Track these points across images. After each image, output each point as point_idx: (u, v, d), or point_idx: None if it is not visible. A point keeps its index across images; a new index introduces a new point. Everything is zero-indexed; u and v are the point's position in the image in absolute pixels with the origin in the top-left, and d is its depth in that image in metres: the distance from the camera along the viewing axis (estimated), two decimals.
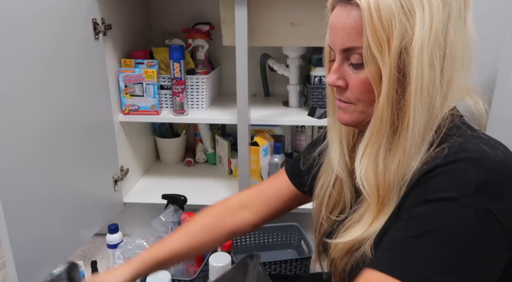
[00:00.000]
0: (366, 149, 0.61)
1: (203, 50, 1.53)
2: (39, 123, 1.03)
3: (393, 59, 0.55)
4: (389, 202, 0.60)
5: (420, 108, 0.55)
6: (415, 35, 0.53)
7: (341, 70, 0.62)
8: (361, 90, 0.60)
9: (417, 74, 0.54)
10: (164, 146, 1.81)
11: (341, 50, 0.60)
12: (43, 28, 1.03)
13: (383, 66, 0.56)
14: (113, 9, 1.36)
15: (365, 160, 0.61)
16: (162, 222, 1.20)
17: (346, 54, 0.60)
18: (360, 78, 0.59)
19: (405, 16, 0.54)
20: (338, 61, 0.62)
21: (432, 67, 0.54)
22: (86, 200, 1.26)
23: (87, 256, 1.48)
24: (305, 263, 1.31)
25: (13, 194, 0.95)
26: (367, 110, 0.61)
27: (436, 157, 0.55)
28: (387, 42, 0.54)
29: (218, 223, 0.86)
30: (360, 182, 0.61)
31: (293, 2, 1.32)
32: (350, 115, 0.64)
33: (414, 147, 0.57)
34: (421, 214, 0.53)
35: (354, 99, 0.62)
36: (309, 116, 1.43)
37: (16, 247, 0.96)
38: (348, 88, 0.62)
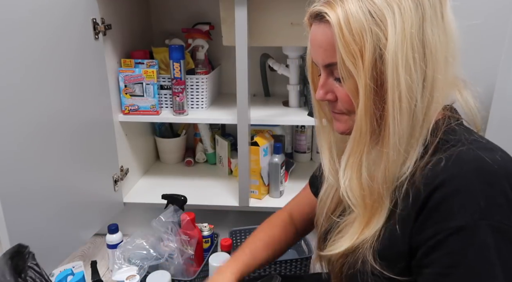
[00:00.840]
0: (349, 160, 0.62)
1: (203, 50, 1.53)
2: (39, 123, 1.03)
3: (368, 70, 0.55)
4: (380, 208, 0.61)
5: (399, 116, 0.55)
6: (388, 42, 0.53)
7: (328, 84, 0.63)
8: (350, 101, 0.60)
9: (393, 81, 0.54)
10: (164, 146, 1.81)
11: (323, 66, 0.62)
12: (43, 28, 1.03)
13: (358, 79, 0.56)
14: (113, 9, 1.36)
15: (348, 171, 0.62)
16: (162, 222, 1.20)
17: (329, 69, 0.62)
18: (345, 90, 0.60)
19: (377, 25, 0.54)
20: (323, 77, 0.63)
21: (408, 72, 0.54)
22: (86, 200, 1.26)
23: (87, 256, 1.48)
24: (305, 263, 1.30)
25: (13, 194, 0.95)
26: None
27: (436, 170, 0.55)
28: (360, 55, 0.55)
29: (281, 237, 0.94)
30: (345, 194, 0.62)
31: (293, 2, 1.32)
32: (345, 124, 0.65)
33: (398, 154, 0.57)
34: (446, 254, 0.53)
35: (345, 110, 0.63)
36: (309, 116, 1.43)
37: None
38: (337, 100, 0.63)
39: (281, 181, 1.53)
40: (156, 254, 1.14)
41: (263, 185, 1.52)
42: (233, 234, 1.43)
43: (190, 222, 1.22)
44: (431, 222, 0.55)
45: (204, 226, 1.32)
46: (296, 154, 1.78)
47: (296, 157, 1.78)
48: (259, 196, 1.52)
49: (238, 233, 1.44)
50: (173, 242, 1.18)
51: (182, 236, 1.21)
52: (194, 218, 1.25)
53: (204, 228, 1.32)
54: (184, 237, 1.21)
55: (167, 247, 1.17)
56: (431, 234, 0.54)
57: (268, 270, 1.28)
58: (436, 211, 0.54)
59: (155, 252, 1.14)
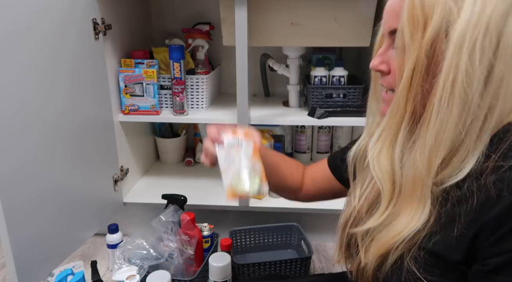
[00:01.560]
0: (382, 133, 0.58)
1: (203, 50, 1.53)
2: (39, 123, 1.03)
3: (426, 44, 0.51)
4: (415, 199, 0.55)
5: (447, 101, 0.50)
6: (460, 19, 0.49)
7: (386, 54, 0.59)
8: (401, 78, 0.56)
9: (451, 62, 0.49)
10: (164, 146, 1.81)
11: (388, 33, 0.58)
12: (43, 28, 1.03)
13: (410, 50, 0.52)
14: (113, 9, 1.36)
15: (380, 144, 0.58)
16: (162, 222, 1.20)
17: (392, 38, 0.57)
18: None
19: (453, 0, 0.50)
20: (385, 46, 0.59)
21: (472, 59, 0.49)
22: (86, 200, 1.26)
23: (87, 256, 1.48)
24: (305, 263, 1.31)
25: (12, 193, 0.95)
26: None
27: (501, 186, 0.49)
28: (422, 25, 0.51)
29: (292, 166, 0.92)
30: (372, 165, 0.59)
31: (293, 2, 1.32)
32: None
33: (439, 142, 0.52)
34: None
35: (394, 86, 0.58)
36: (309, 116, 1.43)
37: (16, 247, 0.96)
38: (391, 73, 0.59)
39: None
40: (156, 254, 1.14)
41: None
42: (233, 234, 1.43)
43: (190, 222, 1.22)
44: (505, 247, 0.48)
45: (204, 226, 1.32)
46: (296, 154, 1.78)
47: (296, 157, 1.78)
48: (259, 196, 1.52)
49: (238, 233, 1.44)
50: (173, 242, 1.18)
51: (182, 236, 1.21)
52: (194, 218, 1.25)
53: (204, 228, 1.32)
54: (184, 237, 1.21)
55: (167, 247, 1.17)
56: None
57: (269, 270, 1.29)
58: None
59: (155, 252, 1.14)
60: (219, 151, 0.74)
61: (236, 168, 0.73)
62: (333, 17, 1.34)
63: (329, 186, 0.88)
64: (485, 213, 0.49)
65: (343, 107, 1.45)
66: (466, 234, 0.51)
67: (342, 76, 1.45)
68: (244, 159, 0.73)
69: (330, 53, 1.61)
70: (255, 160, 0.74)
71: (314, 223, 1.54)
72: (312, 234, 1.52)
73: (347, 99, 1.45)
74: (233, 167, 0.73)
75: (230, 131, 0.75)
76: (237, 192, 0.72)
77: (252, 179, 0.72)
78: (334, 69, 1.47)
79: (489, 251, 0.49)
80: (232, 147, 0.74)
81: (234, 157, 0.73)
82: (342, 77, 1.45)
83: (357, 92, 1.44)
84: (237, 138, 0.75)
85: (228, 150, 0.74)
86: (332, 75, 1.47)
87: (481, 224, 0.49)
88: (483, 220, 0.49)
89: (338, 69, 1.46)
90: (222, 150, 0.74)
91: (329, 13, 1.33)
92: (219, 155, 0.74)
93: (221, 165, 0.74)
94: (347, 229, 0.71)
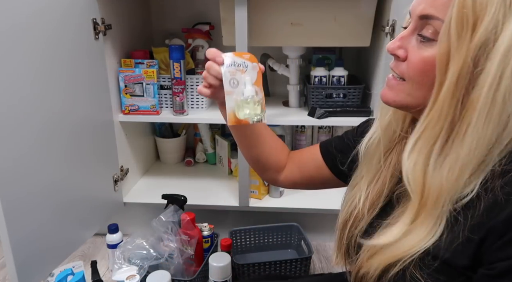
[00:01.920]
0: (418, 142, 0.53)
1: (203, 50, 1.53)
2: (39, 123, 1.03)
3: (473, 48, 0.47)
4: (435, 215, 0.52)
5: (486, 118, 0.48)
6: (508, 27, 0.46)
7: (408, 39, 0.55)
8: (418, 69, 0.53)
9: (495, 74, 0.46)
10: (164, 146, 1.81)
11: (419, 16, 0.53)
12: (43, 28, 1.03)
13: (457, 51, 0.48)
14: (113, 9, 1.36)
15: (415, 155, 0.53)
16: (162, 222, 1.20)
17: (422, 23, 0.53)
18: (423, 55, 0.53)
19: (504, 7, 0.46)
20: (409, 29, 0.55)
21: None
22: (86, 200, 1.26)
23: (87, 256, 1.48)
24: (305, 263, 1.31)
25: (12, 193, 0.95)
26: (416, 94, 0.55)
27: (509, 190, 0.48)
28: (472, 26, 0.47)
29: (278, 143, 0.88)
30: (406, 178, 0.55)
31: (293, 2, 1.32)
32: (395, 94, 0.57)
33: (471, 161, 0.49)
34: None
35: (407, 76, 0.55)
36: (309, 116, 1.43)
37: (16, 247, 0.96)
38: (406, 61, 0.55)
39: None
40: (156, 254, 1.14)
41: (263, 185, 1.52)
42: (233, 234, 1.43)
43: (190, 222, 1.23)
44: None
45: (204, 226, 1.32)
46: None
47: None
48: (259, 196, 1.52)
49: (238, 233, 1.44)
50: (173, 242, 1.18)
51: (182, 236, 1.21)
52: (194, 218, 1.25)
53: (204, 228, 1.32)
54: (184, 237, 1.21)
55: (167, 247, 1.17)
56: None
57: (269, 270, 1.29)
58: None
59: (155, 252, 1.14)
60: (225, 71, 0.70)
61: (240, 92, 0.70)
62: (333, 17, 1.34)
63: (318, 174, 0.84)
64: (492, 217, 0.49)
65: (343, 107, 1.45)
66: (473, 238, 0.50)
67: (342, 76, 1.45)
68: (248, 82, 0.71)
69: (330, 53, 1.61)
70: (258, 86, 0.72)
71: (314, 223, 1.54)
72: (312, 234, 1.52)
73: (347, 99, 1.45)
74: (237, 91, 0.70)
75: (237, 53, 0.72)
76: (239, 117, 0.70)
77: (255, 105, 0.70)
78: (334, 69, 1.47)
79: (496, 255, 0.48)
80: (238, 68, 0.71)
81: (240, 79, 0.70)
82: (342, 77, 1.45)
83: (357, 92, 1.44)
84: (243, 60, 0.71)
85: (234, 71, 0.70)
86: (332, 75, 1.47)
87: (489, 228, 0.49)
88: (490, 224, 0.49)
89: (338, 69, 1.46)
90: (228, 70, 0.70)
91: (329, 13, 1.33)
92: (224, 75, 0.70)
93: (226, 86, 0.70)
94: (346, 229, 0.70)
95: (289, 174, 0.88)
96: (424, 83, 0.53)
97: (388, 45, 0.56)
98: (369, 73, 1.49)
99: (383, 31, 1.26)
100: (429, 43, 0.52)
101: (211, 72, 0.71)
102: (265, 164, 0.86)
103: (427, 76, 0.52)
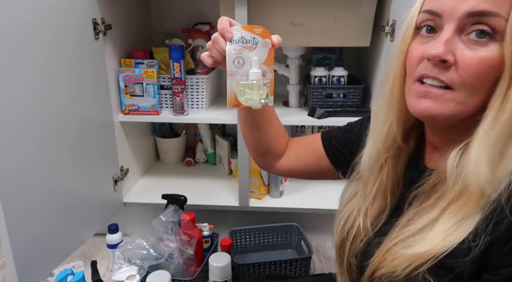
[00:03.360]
0: (491, 145, 0.48)
1: (203, 50, 1.53)
2: (38, 123, 1.03)
3: None
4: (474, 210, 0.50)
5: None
6: None
7: (453, 42, 0.49)
8: (476, 72, 0.48)
9: None
10: (164, 146, 1.81)
11: (466, 14, 0.47)
12: (43, 28, 1.03)
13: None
14: (113, 9, 1.36)
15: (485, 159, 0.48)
16: (162, 222, 1.20)
17: (470, 21, 0.48)
18: (479, 56, 0.47)
19: None
20: (451, 31, 0.49)
21: None
22: (86, 200, 1.26)
23: (87, 256, 1.48)
24: (305, 263, 1.31)
25: (12, 194, 0.95)
26: (469, 101, 0.50)
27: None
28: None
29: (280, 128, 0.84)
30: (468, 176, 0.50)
31: (293, 2, 1.32)
32: (442, 105, 0.51)
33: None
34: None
35: (459, 82, 0.49)
36: (309, 116, 1.43)
37: (16, 247, 0.96)
38: (455, 66, 0.49)
39: (281, 181, 1.53)
40: (156, 254, 1.14)
41: (263, 185, 1.52)
42: (233, 234, 1.43)
43: (190, 222, 1.23)
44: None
45: (204, 226, 1.32)
46: None
47: None
48: (259, 196, 1.52)
49: (238, 233, 1.44)
50: (173, 242, 1.18)
51: (182, 236, 1.21)
52: (194, 218, 1.25)
53: (204, 228, 1.32)
54: (184, 237, 1.21)
55: (167, 247, 1.17)
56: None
57: (269, 270, 1.29)
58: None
59: (155, 252, 1.14)
60: (229, 49, 0.63)
61: (245, 73, 0.64)
62: (333, 17, 1.34)
63: (316, 164, 0.81)
64: (499, 222, 0.48)
65: (343, 107, 1.45)
66: (479, 243, 0.49)
67: (342, 76, 1.45)
68: (255, 64, 0.64)
69: (330, 53, 1.61)
70: (267, 66, 0.65)
71: (314, 223, 1.54)
72: (312, 234, 1.52)
73: (347, 99, 1.45)
74: (242, 71, 0.64)
75: (245, 27, 0.64)
76: (239, 102, 0.64)
77: (259, 89, 0.64)
78: (334, 69, 1.47)
79: (501, 261, 0.48)
80: (245, 45, 0.64)
81: (246, 58, 0.64)
82: (342, 77, 1.45)
83: (357, 92, 1.44)
84: (253, 36, 0.64)
85: (240, 49, 0.64)
86: (332, 75, 1.47)
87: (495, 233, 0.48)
88: (496, 229, 0.48)
89: (338, 69, 1.46)
90: (233, 47, 0.63)
91: (329, 13, 1.33)
92: (228, 54, 0.63)
93: (229, 66, 0.64)
94: (346, 248, 0.66)
95: (286, 161, 0.85)
96: (481, 87, 0.48)
97: (431, 52, 0.49)
98: (369, 73, 1.49)
99: (383, 31, 1.26)
100: (484, 42, 0.47)
101: (216, 47, 0.66)
102: (266, 148, 0.83)
103: (485, 79, 0.48)
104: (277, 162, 0.85)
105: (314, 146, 0.82)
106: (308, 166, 0.83)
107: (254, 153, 0.86)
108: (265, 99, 0.65)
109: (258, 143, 0.82)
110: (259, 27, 0.65)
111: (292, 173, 0.86)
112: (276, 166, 0.86)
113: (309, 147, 0.83)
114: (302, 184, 1.60)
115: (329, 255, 1.50)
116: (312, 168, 0.83)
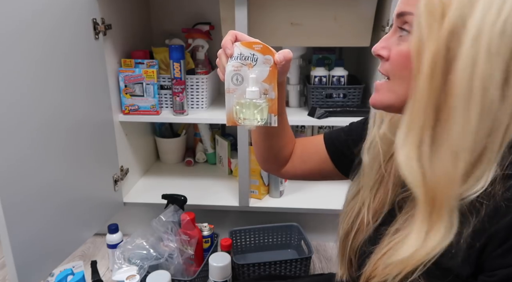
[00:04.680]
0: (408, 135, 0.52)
1: (203, 50, 1.53)
2: (39, 123, 1.03)
3: (444, 37, 0.48)
4: (444, 208, 0.50)
5: (467, 103, 0.47)
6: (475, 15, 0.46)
7: (390, 40, 0.57)
8: (397, 63, 0.54)
9: (468, 60, 0.46)
10: (164, 146, 1.81)
11: (396, 15, 0.55)
12: (43, 28, 1.03)
13: (428, 39, 0.48)
14: (113, 9, 1.36)
15: (407, 148, 0.52)
16: (162, 222, 1.21)
17: (399, 22, 0.55)
18: (400, 49, 0.54)
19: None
20: (391, 31, 0.57)
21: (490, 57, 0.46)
22: (86, 199, 1.26)
23: (87, 256, 1.48)
24: (305, 263, 1.31)
25: (12, 193, 0.95)
26: (399, 90, 0.55)
27: (510, 196, 0.47)
28: (440, 13, 0.48)
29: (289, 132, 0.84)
30: (403, 173, 0.53)
31: (293, 2, 1.32)
32: (381, 95, 0.58)
33: (462, 148, 0.48)
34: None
35: (390, 73, 0.56)
36: (309, 116, 1.43)
37: (16, 247, 0.96)
38: (388, 60, 0.57)
39: (281, 181, 1.53)
40: (156, 254, 1.14)
41: (263, 185, 1.52)
42: (233, 234, 1.43)
43: (190, 222, 1.23)
44: None
45: (204, 226, 1.33)
46: None
47: None
48: (259, 196, 1.52)
49: (238, 233, 1.44)
50: (173, 242, 1.18)
51: (182, 236, 1.21)
52: (194, 218, 1.25)
53: (204, 228, 1.32)
54: (184, 237, 1.21)
55: (167, 247, 1.17)
56: None
57: (269, 270, 1.29)
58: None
59: (155, 252, 1.14)
60: (228, 66, 0.63)
61: (243, 91, 0.63)
62: (333, 17, 1.34)
63: (320, 167, 0.82)
64: (493, 223, 0.48)
65: (343, 107, 1.45)
66: (474, 244, 0.49)
67: (342, 76, 1.45)
68: (253, 80, 0.63)
69: (330, 53, 1.61)
70: (269, 84, 0.63)
71: (314, 223, 1.54)
72: (312, 234, 1.52)
73: (347, 99, 1.45)
74: (240, 89, 0.63)
75: (245, 43, 0.64)
76: (236, 121, 0.63)
77: (255, 108, 0.62)
78: (334, 69, 1.47)
79: (497, 262, 0.48)
80: (244, 62, 0.63)
81: (245, 76, 0.63)
82: (342, 77, 1.45)
83: (357, 92, 1.44)
84: (252, 52, 0.63)
85: (239, 66, 0.63)
86: (332, 75, 1.47)
87: (489, 235, 0.48)
88: (491, 231, 0.48)
89: (338, 69, 1.46)
90: (231, 64, 0.63)
91: (329, 13, 1.33)
92: (227, 70, 0.63)
93: (226, 83, 0.63)
94: (349, 241, 0.68)
95: (291, 166, 0.85)
96: (404, 77, 0.53)
97: (374, 47, 0.58)
98: (369, 73, 1.49)
99: (383, 31, 1.26)
100: (406, 38, 0.54)
101: (219, 63, 0.67)
102: (274, 155, 0.83)
103: (405, 69, 0.53)
104: (283, 168, 0.86)
105: (318, 150, 0.82)
106: (312, 170, 0.84)
107: (261, 158, 0.86)
108: (262, 119, 0.63)
109: (267, 150, 0.83)
110: (259, 43, 0.64)
111: (296, 176, 0.87)
112: (281, 171, 0.87)
113: (313, 151, 0.83)
114: (302, 184, 1.60)
115: (329, 255, 1.50)
116: (316, 171, 0.83)
